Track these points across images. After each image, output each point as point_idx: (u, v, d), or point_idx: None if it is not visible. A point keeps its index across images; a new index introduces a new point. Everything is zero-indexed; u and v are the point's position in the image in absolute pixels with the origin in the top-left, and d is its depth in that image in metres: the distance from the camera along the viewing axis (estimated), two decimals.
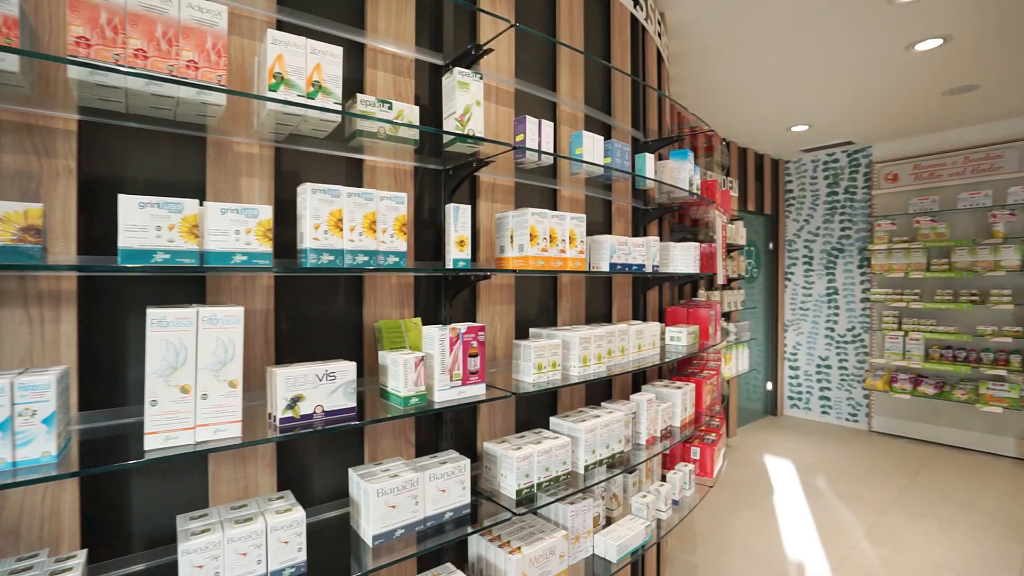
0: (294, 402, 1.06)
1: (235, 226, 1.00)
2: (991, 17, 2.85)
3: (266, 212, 1.03)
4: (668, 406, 2.00)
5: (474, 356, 1.28)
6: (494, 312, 1.72)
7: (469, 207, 1.37)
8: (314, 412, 1.09)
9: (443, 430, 1.53)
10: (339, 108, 1.12)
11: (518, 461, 1.41)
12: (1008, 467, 4.38)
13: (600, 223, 2.16)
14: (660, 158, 2.35)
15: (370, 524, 1.17)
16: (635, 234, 2.32)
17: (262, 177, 1.27)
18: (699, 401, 2.23)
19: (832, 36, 3.10)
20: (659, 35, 2.74)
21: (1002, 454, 4.64)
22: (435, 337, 1.24)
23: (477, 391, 1.30)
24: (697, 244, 2.10)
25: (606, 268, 1.66)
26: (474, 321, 1.68)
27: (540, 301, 1.91)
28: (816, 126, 4.81)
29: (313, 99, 1.09)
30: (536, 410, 1.88)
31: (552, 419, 1.69)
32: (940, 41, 3.13)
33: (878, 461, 4.55)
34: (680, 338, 2.08)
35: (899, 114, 4.47)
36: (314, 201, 1.10)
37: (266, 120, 1.13)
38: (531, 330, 1.71)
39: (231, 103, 1.20)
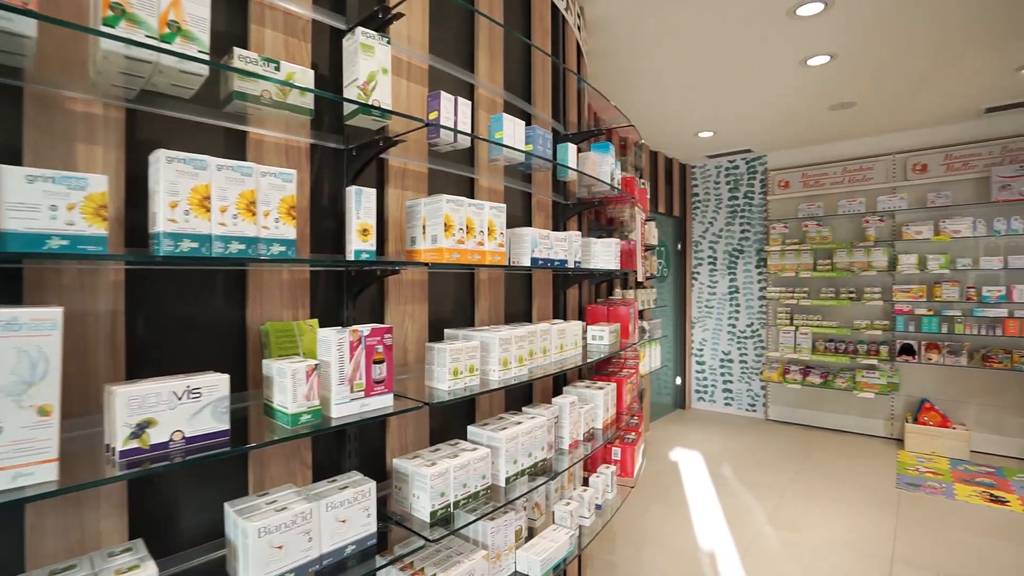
0: (141, 429, 0.83)
1: (50, 200, 0.75)
2: (872, 38, 3.11)
3: (99, 183, 0.79)
4: (590, 408, 1.93)
5: (380, 363, 1.11)
6: (405, 312, 1.55)
7: (374, 191, 1.19)
8: (171, 440, 0.86)
9: (346, 448, 1.34)
10: (205, 58, 0.90)
11: (432, 479, 1.25)
12: (879, 446, 4.87)
13: (519, 217, 2.06)
14: (580, 151, 2.29)
15: (249, 572, 0.96)
16: (555, 229, 2.24)
17: (108, 145, 1.01)
18: (620, 401, 2.20)
19: (736, 48, 3.24)
20: (579, 28, 2.69)
21: (873, 434, 5.16)
22: (332, 341, 1.05)
23: (384, 403, 1.13)
24: (618, 240, 2.06)
25: (527, 263, 1.55)
26: (382, 322, 1.50)
27: (457, 299, 1.76)
28: (720, 133, 5.08)
29: (169, 43, 0.87)
30: (453, 419, 1.73)
31: (470, 428, 1.54)
32: (828, 58, 3.38)
33: (775, 447, 4.88)
34: (602, 337, 2.03)
35: (791, 126, 4.82)
36: (170, 172, 0.87)
37: (104, 67, 0.88)
38: (447, 331, 1.56)
39: (54, 40, 0.93)
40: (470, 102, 1.44)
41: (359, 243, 1.14)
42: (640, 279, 2.26)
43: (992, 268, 4.37)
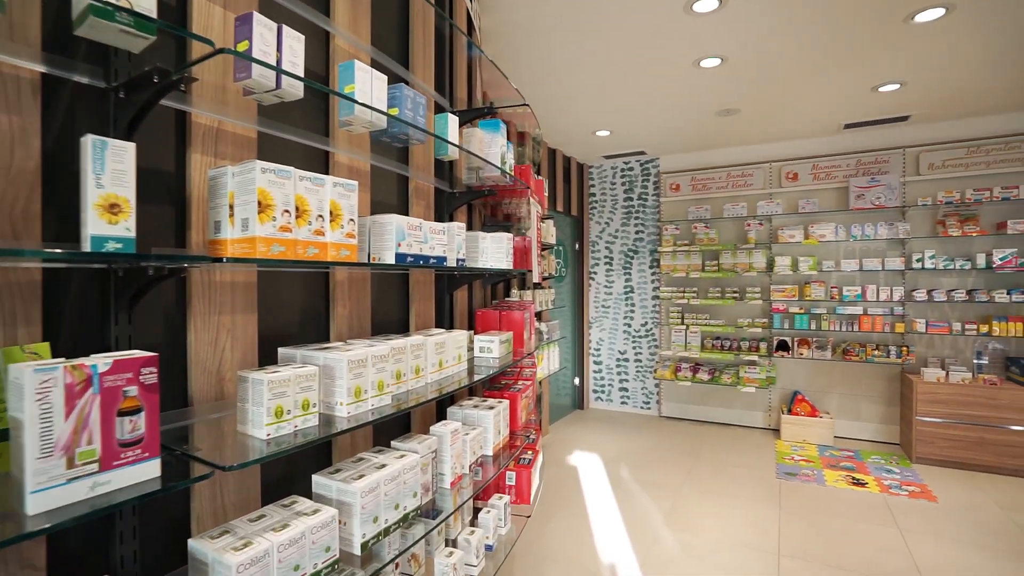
0: None
1: None
2: (757, 46, 3.15)
3: None
4: (479, 433, 1.63)
5: (132, 413, 0.71)
6: (221, 325, 1.13)
7: (131, 145, 0.78)
8: None
9: (117, 530, 0.90)
10: None
11: (241, 570, 0.86)
12: (759, 437, 5.14)
13: (393, 205, 1.70)
14: (465, 128, 1.98)
15: None
16: (438, 221, 1.91)
17: None
18: (515, 419, 1.92)
19: (634, 41, 3.13)
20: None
21: (754, 426, 5.45)
22: (27, 386, 0.63)
23: (140, 475, 0.73)
24: (510, 235, 1.78)
25: (391, 259, 1.21)
26: (183, 341, 1.07)
27: (305, 307, 1.37)
28: (617, 132, 5.06)
29: None
30: (298, 461, 1.33)
31: (316, 478, 1.17)
32: (719, 60, 3.39)
33: (669, 445, 4.95)
34: (491, 348, 1.74)
35: (682, 130, 4.92)
36: None
37: None
38: (281, 351, 1.17)
39: None
40: (303, 37, 1.06)
41: (101, 224, 0.73)
42: (536, 279, 2.03)
43: (850, 270, 4.76)
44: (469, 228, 2.24)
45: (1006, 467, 4.06)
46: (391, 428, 1.65)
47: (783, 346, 5.10)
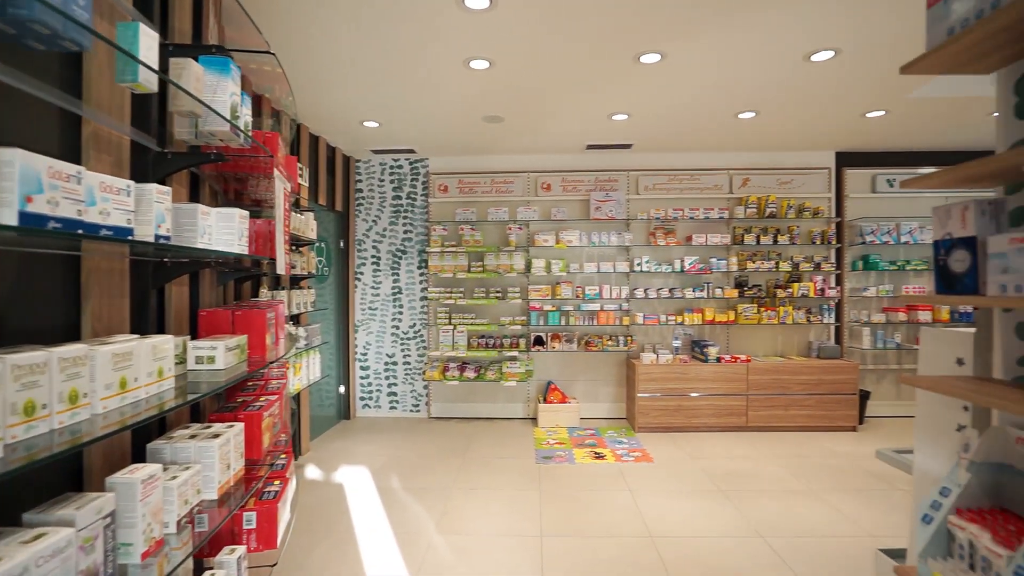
0: None
1: None
2: (527, 54, 3.32)
3: None
4: (193, 474, 1.21)
5: None
6: None
7: None
8: None
9: None
10: None
11: None
12: (521, 426, 5.52)
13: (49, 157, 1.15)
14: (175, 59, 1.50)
15: None
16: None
17: None
18: (254, 445, 1.53)
19: (404, 27, 2.96)
20: None
21: (516, 417, 5.84)
22: None
23: None
24: (244, 213, 1.39)
25: (10, 220, 0.76)
26: None
27: None
28: (386, 126, 4.82)
29: None
30: None
31: None
32: (487, 63, 3.47)
33: (438, 446, 4.91)
34: (214, 357, 1.32)
35: (450, 131, 4.96)
36: None
37: None
38: None
39: None
40: None
41: None
42: (282, 270, 1.67)
43: (591, 272, 5.49)
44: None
45: (691, 425, 5.18)
46: (48, 481, 1.11)
47: (539, 341, 5.58)
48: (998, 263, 1.17)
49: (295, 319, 4.35)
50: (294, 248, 4.07)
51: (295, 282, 4.41)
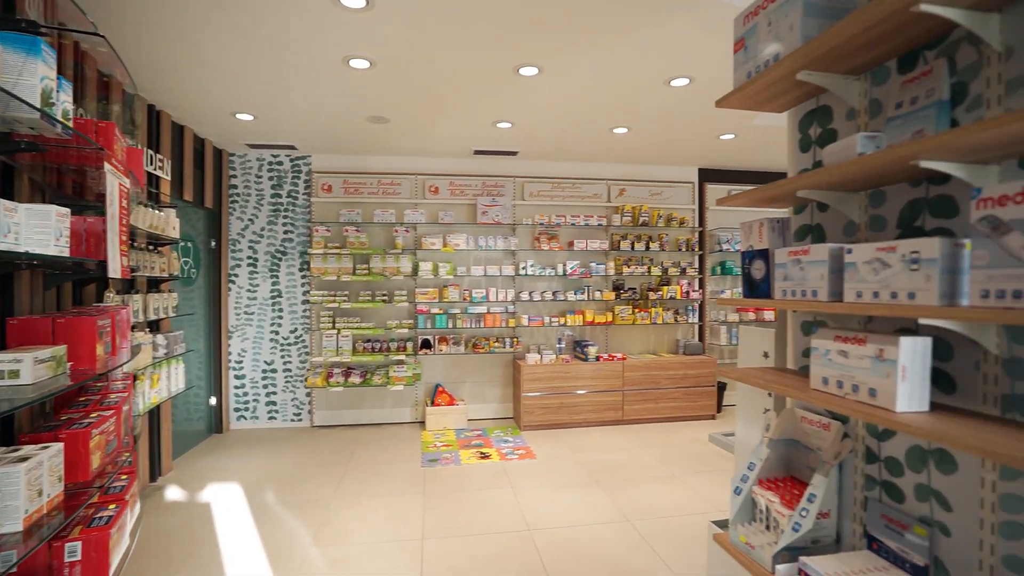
0: None
1: None
2: (409, 58, 3.31)
3: None
4: None
5: None
6: None
7: None
8: None
9: None
10: None
11: None
12: (409, 431, 5.46)
13: None
14: None
15: None
16: None
17: None
18: (79, 466, 1.38)
19: (279, 26, 2.83)
20: None
21: (404, 421, 5.77)
22: None
23: None
24: (64, 210, 1.26)
25: None
26: None
27: None
28: (262, 119, 4.53)
29: None
30: None
31: None
32: (368, 64, 3.42)
33: (321, 456, 4.71)
34: (19, 371, 1.18)
35: (333, 130, 4.79)
36: None
37: None
38: None
39: None
40: None
41: None
42: (115, 273, 1.50)
43: (478, 275, 5.59)
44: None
45: (573, 422, 5.48)
46: None
47: (427, 344, 5.57)
48: (781, 271, 1.42)
49: (155, 325, 3.94)
50: (152, 248, 3.69)
51: (154, 285, 3.99)
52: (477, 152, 5.61)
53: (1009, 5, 1.06)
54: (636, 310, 5.83)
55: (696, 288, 6.09)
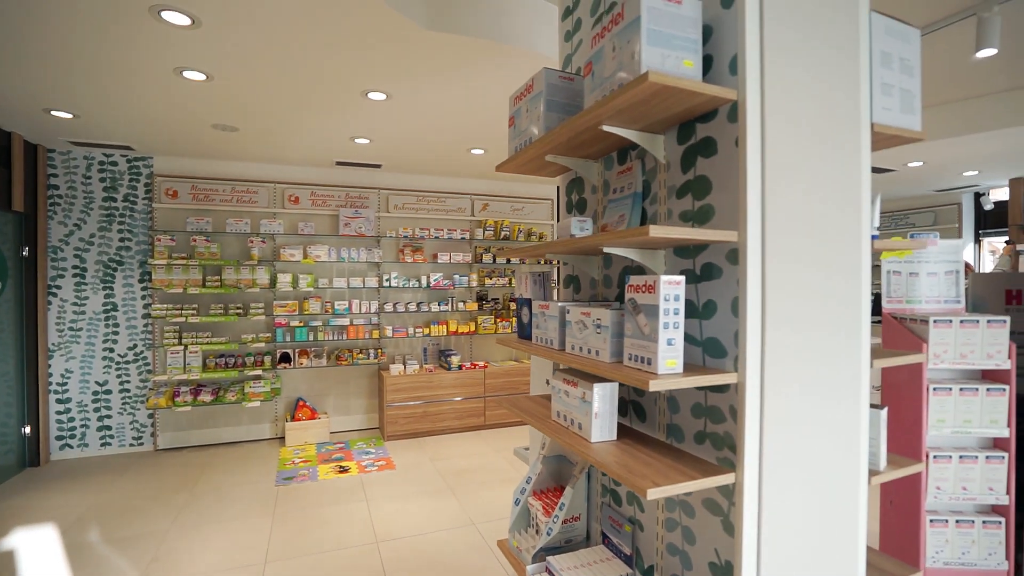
0: None
1: None
2: (247, 79, 3.25)
3: None
4: None
5: None
6: None
7: None
8: None
9: None
10: None
11: None
12: (266, 448, 5.29)
13: None
14: None
15: None
16: None
17: None
18: None
19: (99, 38, 2.65)
20: None
21: (262, 438, 5.57)
22: None
23: None
24: None
25: None
26: None
27: None
28: (87, 119, 4.12)
29: None
30: None
31: None
32: (204, 76, 3.29)
33: (161, 483, 4.41)
34: None
35: (177, 134, 4.49)
36: None
37: None
38: None
39: None
40: None
41: None
42: None
43: (340, 287, 5.56)
44: None
45: (437, 429, 5.69)
46: None
47: (286, 358, 5.43)
48: (536, 320, 1.71)
49: None
50: None
51: None
52: (340, 163, 5.57)
53: (667, 129, 1.41)
54: (498, 319, 6.17)
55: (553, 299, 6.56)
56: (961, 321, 2.21)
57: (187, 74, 3.27)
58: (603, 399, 1.39)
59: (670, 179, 1.42)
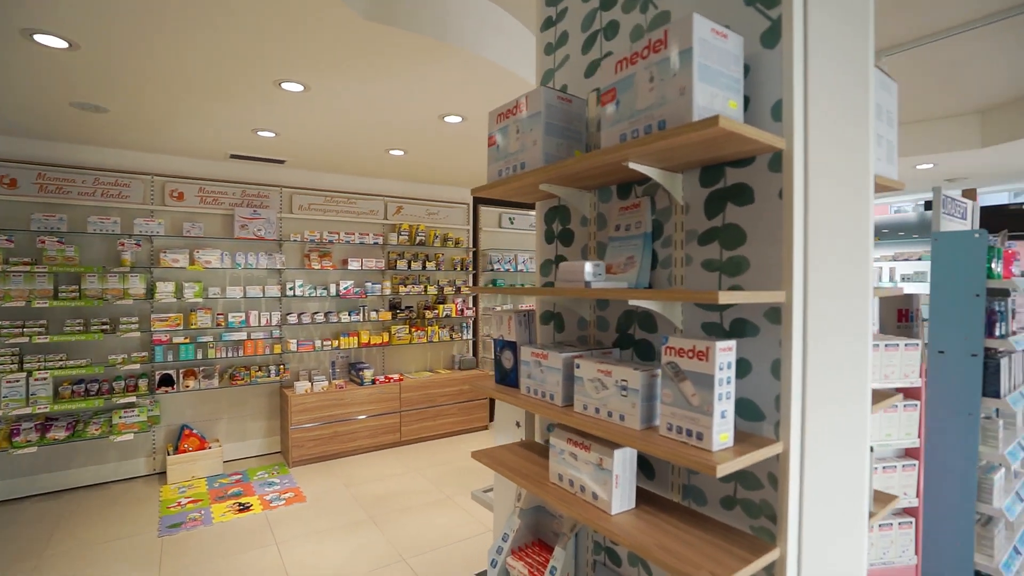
0: None
1: None
2: (138, 44, 2.64)
3: None
4: None
5: None
6: None
7: None
8: None
9: None
10: None
11: None
12: (142, 488, 4.49)
13: None
14: None
15: None
16: None
17: None
18: None
19: None
20: None
21: (137, 475, 4.73)
22: None
23: None
24: None
25: None
26: None
27: None
28: None
29: None
30: None
31: None
32: (65, 43, 2.63)
33: None
34: None
35: (20, 110, 3.60)
36: None
37: None
38: None
39: None
40: None
41: None
42: None
43: (235, 296, 4.88)
44: None
45: (349, 449, 5.24)
46: None
47: (167, 380, 4.65)
48: (526, 368, 1.53)
49: None
50: None
51: None
52: (234, 156, 4.88)
53: (687, 169, 1.31)
54: (413, 329, 5.85)
55: (470, 306, 6.39)
56: (885, 345, 2.42)
57: (40, 38, 2.59)
58: (624, 466, 1.26)
59: (689, 223, 1.32)
